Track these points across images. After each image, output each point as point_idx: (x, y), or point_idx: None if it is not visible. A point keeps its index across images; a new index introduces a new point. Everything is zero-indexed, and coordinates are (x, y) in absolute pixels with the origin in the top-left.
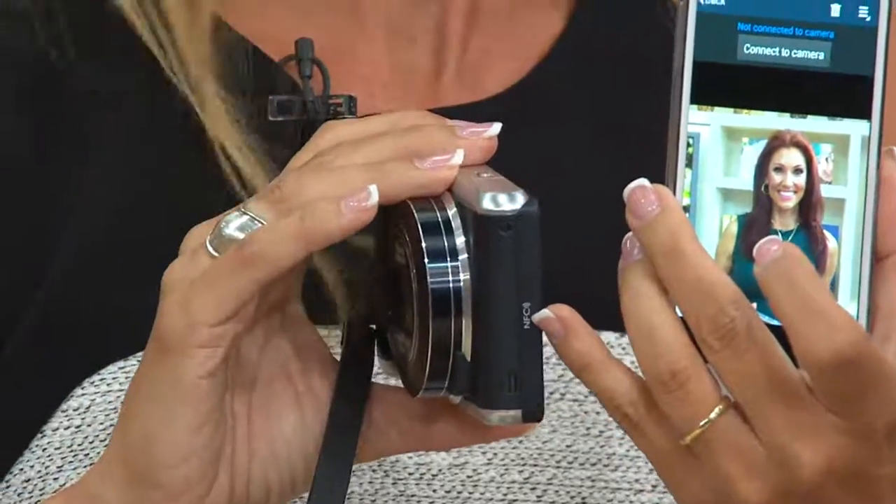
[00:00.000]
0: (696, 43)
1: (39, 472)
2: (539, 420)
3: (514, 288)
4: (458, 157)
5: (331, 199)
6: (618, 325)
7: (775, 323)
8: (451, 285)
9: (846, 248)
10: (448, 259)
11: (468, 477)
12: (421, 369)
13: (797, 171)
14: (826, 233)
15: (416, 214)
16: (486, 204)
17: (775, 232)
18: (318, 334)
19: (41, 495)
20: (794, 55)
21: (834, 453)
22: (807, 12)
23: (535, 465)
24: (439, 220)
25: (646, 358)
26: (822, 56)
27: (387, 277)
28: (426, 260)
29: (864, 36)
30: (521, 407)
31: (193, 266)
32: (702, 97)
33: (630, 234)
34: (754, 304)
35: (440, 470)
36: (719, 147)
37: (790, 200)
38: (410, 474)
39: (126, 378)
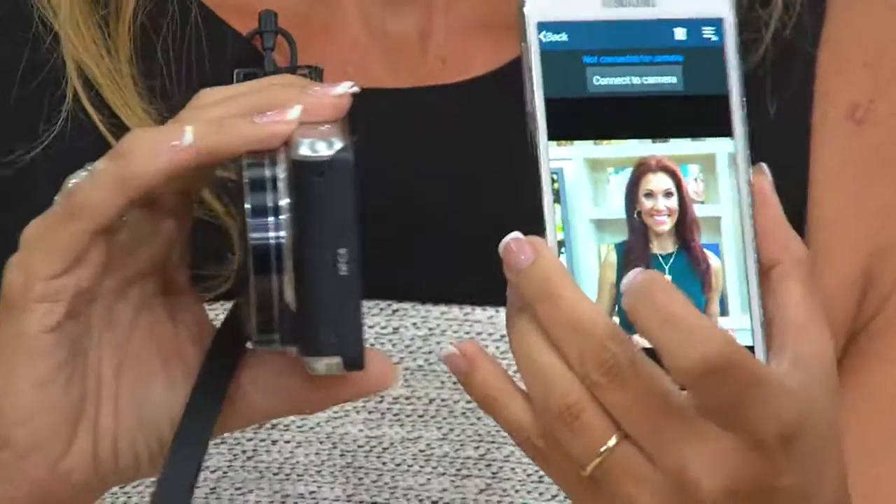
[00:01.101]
0: (546, 81)
1: None
2: (360, 368)
3: (328, 234)
4: (295, 112)
5: (148, 143)
6: None
7: None
8: (270, 241)
9: (730, 263)
10: (269, 215)
11: (420, 451)
12: (252, 322)
13: (667, 194)
14: (707, 251)
15: (245, 171)
16: (302, 150)
17: (655, 256)
18: (199, 303)
19: None
20: (645, 82)
21: (733, 472)
22: (652, 39)
23: (493, 442)
24: (266, 175)
25: (540, 396)
26: (674, 80)
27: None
28: (248, 216)
29: (714, 55)
30: (341, 353)
31: (42, 221)
32: (559, 133)
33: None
34: None
35: (391, 443)
36: (585, 179)
37: (665, 224)
38: (360, 447)
39: None
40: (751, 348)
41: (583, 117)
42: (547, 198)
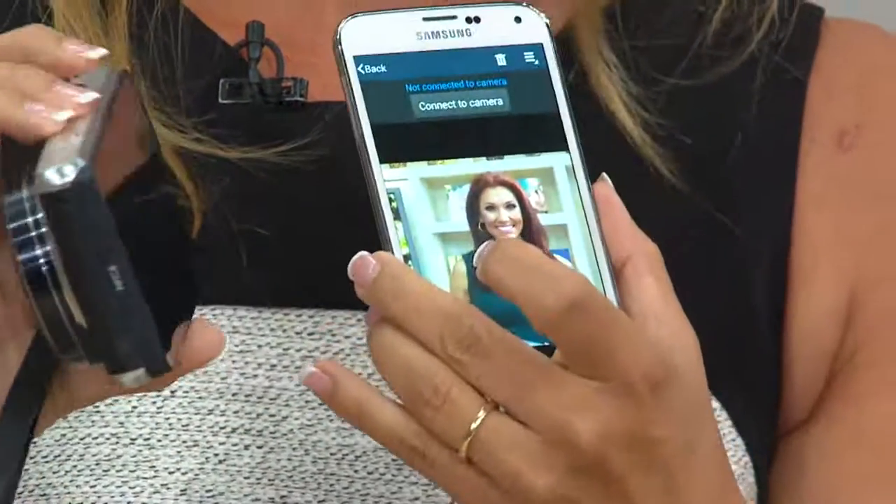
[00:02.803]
0: (370, 109)
1: None
2: (168, 369)
3: (94, 255)
4: (64, 116)
5: None
6: None
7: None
8: (42, 265)
9: (582, 267)
10: (35, 240)
11: (393, 460)
12: (50, 343)
13: (509, 206)
14: (557, 256)
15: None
16: (48, 178)
17: None
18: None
19: None
20: (472, 105)
21: (604, 418)
22: (473, 66)
23: None
24: (23, 197)
25: (406, 388)
26: (500, 101)
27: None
28: (14, 243)
29: (538, 77)
30: (143, 365)
31: None
32: (391, 156)
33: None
34: None
35: (364, 452)
36: (424, 196)
37: (511, 234)
38: (332, 454)
39: None
40: None
41: (413, 141)
42: (386, 215)
